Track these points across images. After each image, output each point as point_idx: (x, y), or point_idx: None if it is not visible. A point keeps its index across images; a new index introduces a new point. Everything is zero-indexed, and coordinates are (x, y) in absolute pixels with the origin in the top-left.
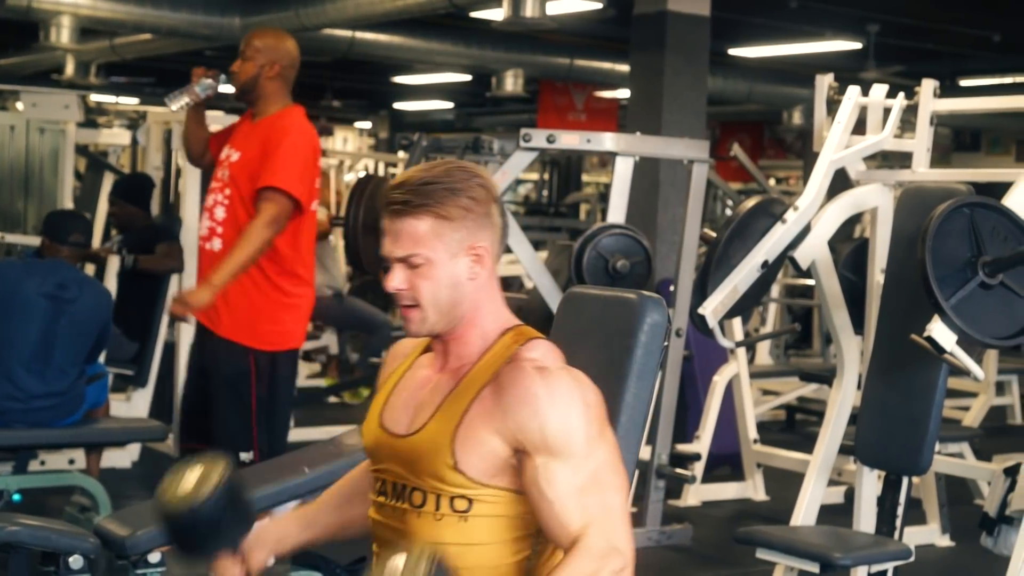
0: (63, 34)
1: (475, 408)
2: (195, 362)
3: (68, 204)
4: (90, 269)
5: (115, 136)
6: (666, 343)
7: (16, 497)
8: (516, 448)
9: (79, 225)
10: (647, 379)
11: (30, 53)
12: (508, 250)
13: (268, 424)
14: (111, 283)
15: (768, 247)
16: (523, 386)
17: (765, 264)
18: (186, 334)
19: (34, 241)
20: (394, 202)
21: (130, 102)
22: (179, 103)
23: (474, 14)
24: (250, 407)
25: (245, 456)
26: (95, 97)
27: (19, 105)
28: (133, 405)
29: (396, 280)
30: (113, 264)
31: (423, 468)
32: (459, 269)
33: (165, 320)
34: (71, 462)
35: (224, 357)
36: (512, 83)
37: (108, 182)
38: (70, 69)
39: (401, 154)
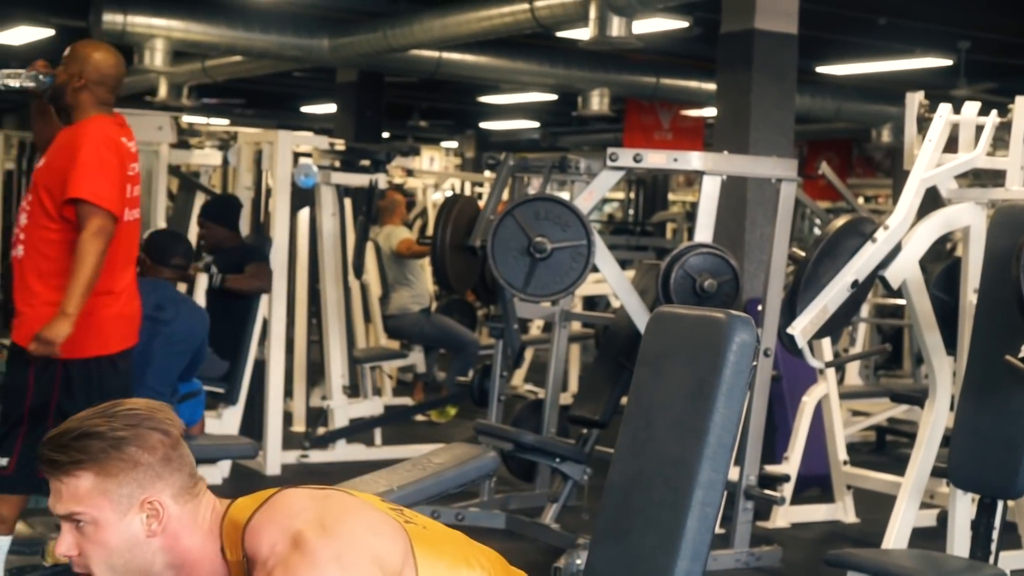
0: (157, 57)
1: None
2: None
3: (161, 224)
4: (181, 287)
5: (207, 157)
6: (755, 363)
7: None
8: None
9: (181, 248)
10: (736, 399)
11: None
12: (595, 269)
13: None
14: (199, 301)
15: (858, 266)
16: None
17: (855, 284)
18: (276, 352)
19: None
20: (49, 455)
21: (221, 123)
22: (2, 80)
23: (560, 34)
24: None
25: (2, 461)
26: (187, 118)
27: None
28: (224, 422)
29: (64, 544)
30: (201, 282)
31: None
32: (134, 529)
33: (255, 338)
34: None
35: (12, 362)
36: (598, 102)
37: (200, 202)
38: (163, 91)
39: (488, 173)
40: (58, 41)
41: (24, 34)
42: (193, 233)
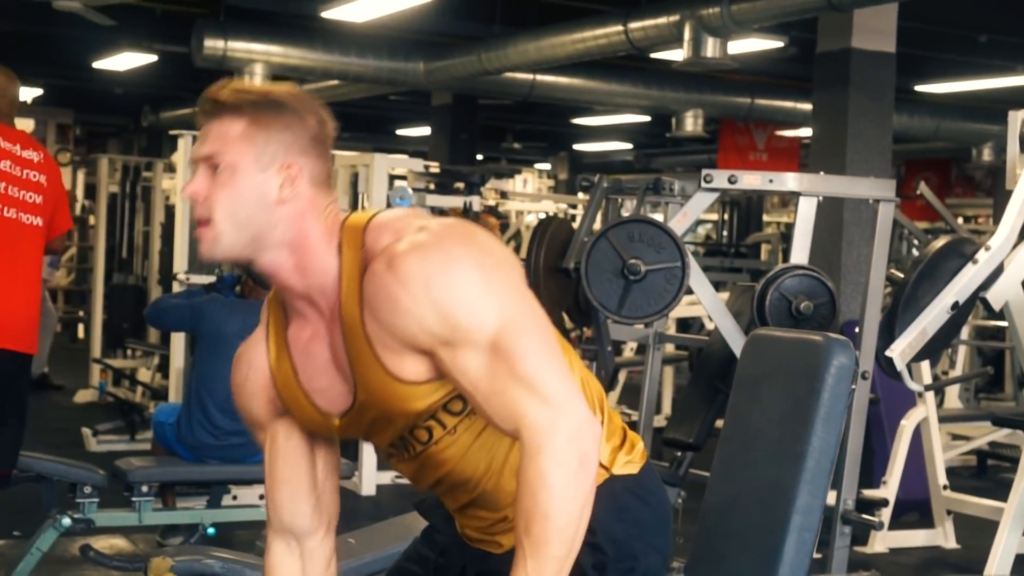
0: (256, 81)
1: (374, 340)
2: None
3: None
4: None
5: None
6: (853, 386)
7: (211, 531)
8: (421, 351)
9: None
10: (834, 423)
11: None
12: (689, 291)
13: None
14: None
15: (959, 288)
16: (381, 294)
17: (955, 305)
18: None
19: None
20: (210, 101)
21: None
22: None
23: (654, 55)
24: None
25: None
26: None
27: None
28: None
29: (195, 185)
30: None
31: (396, 410)
32: (268, 187)
33: None
34: (261, 497)
35: None
36: (692, 123)
37: None
38: None
39: (581, 195)
40: (161, 67)
41: (128, 60)
42: None
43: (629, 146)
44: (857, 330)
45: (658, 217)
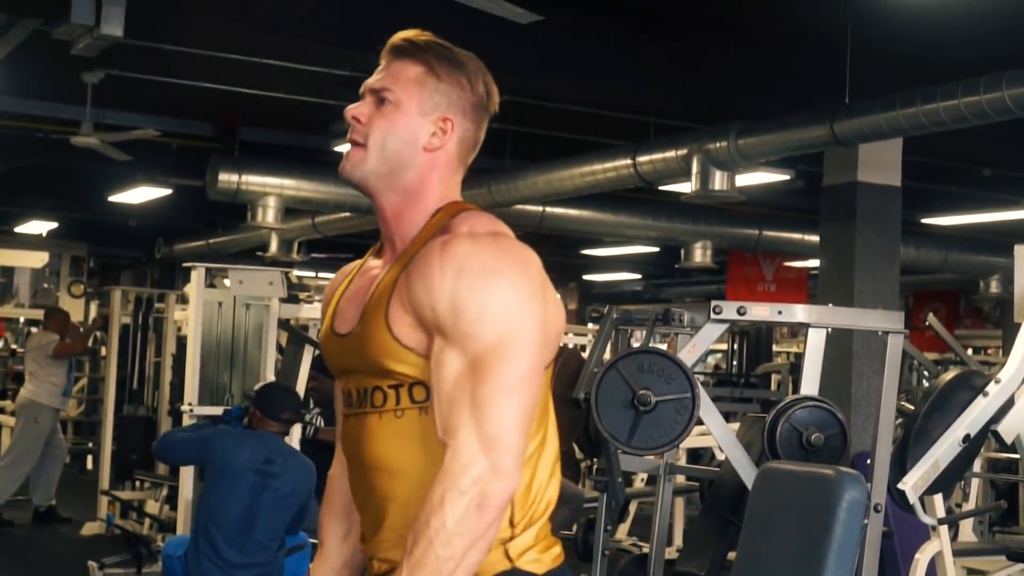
0: (269, 214)
1: (396, 291)
2: None
3: (271, 377)
4: None
5: (315, 311)
6: (865, 520)
7: None
8: (422, 325)
9: (292, 404)
10: (846, 558)
11: (238, 232)
12: (700, 422)
13: None
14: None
15: (970, 421)
16: (425, 261)
17: (967, 438)
18: None
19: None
20: (398, 42)
21: (329, 277)
22: None
23: (662, 187)
24: None
25: None
26: (297, 272)
27: (226, 282)
28: None
29: (358, 108)
30: (295, 432)
31: (372, 355)
32: (421, 131)
33: None
34: None
35: None
36: (701, 254)
37: (308, 355)
38: (274, 247)
39: (591, 326)
40: (175, 200)
41: (143, 193)
42: (301, 386)
43: (638, 276)
44: (869, 462)
45: (667, 347)
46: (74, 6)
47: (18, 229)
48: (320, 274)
